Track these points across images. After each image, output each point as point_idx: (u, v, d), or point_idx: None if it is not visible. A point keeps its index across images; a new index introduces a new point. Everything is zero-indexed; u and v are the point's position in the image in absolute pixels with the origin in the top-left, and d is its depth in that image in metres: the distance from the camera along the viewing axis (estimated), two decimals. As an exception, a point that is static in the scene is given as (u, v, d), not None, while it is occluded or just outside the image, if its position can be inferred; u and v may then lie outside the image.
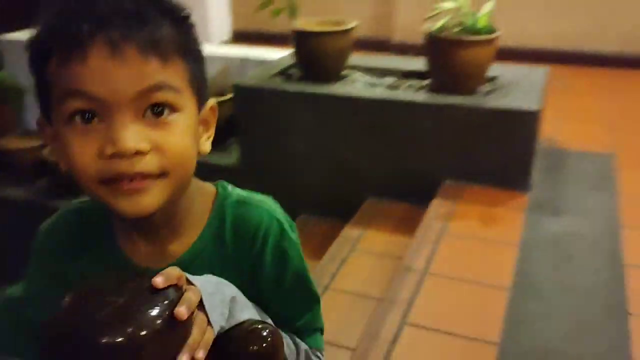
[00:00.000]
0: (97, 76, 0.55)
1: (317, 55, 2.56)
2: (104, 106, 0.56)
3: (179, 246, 0.68)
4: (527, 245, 1.93)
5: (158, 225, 0.66)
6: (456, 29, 2.30)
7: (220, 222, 0.69)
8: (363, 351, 1.48)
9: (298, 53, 2.63)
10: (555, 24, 4.02)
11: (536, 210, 2.12)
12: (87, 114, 0.57)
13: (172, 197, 0.62)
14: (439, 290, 1.73)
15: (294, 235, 0.70)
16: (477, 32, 2.27)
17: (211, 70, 2.74)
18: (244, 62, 3.04)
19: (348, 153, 2.47)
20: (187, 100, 0.61)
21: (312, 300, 0.74)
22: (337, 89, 2.53)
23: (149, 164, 0.58)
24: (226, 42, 4.73)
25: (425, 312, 1.62)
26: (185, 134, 0.60)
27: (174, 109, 0.59)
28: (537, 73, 2.56)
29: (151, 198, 0.59)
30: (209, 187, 0.72)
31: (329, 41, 2.54)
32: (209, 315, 0.55)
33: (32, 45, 0.60)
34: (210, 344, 0.55)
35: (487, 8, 2.30)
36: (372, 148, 2.41)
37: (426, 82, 2.52)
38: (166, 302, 0.50)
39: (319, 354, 0.73)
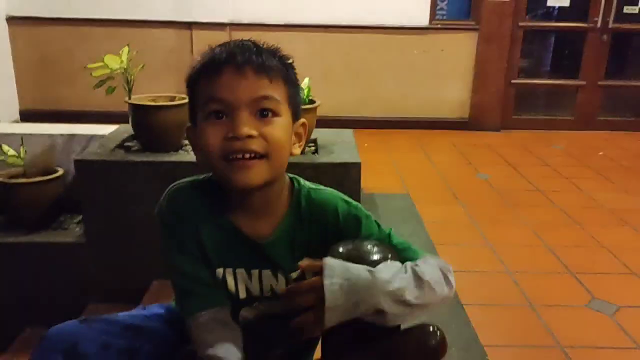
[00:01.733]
0: (227, 86, 0.82)
1: (158, 128, 2.71)
2: (230, 107, 0.82)
3: (269, 222, 0.91)
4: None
5: (256, 205, 0.90)
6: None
7: (298, 207, 0.92)
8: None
9: (137, 127, 2.74)
10: (335, 97, 4.80)
11: (372, 242, 2.59)
12: (219, 113, 0.83)
13: (270, 178, 0.86)
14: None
15: (354, 202, 0.95)
16: (303, 102, 2.73)
17: (33, 149, 2.71)
18: (70, 138, 3.00)
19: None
20: (285, 110, 0.86)
21: (386, 230, 0.97)
22: (180, 156, 2.71)
23: (256, 144, 0.83)
24: (15, 122, 4.48)
25: None
26: (283, 131, 0.86)
27: (275, 113, 0.85)
28: (346, 134, 3.12)
29: (256, 174, 0.84)
30: (286, 180, 0.95)
31: (169, 114, 2.72)
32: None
33: (190, 75, 0.88)
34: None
35: (306, 83, 2.78)
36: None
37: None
38: None
39: (426, 257, 0.94)
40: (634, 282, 2.40)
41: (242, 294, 0.93)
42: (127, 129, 2.95)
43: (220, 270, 0.92)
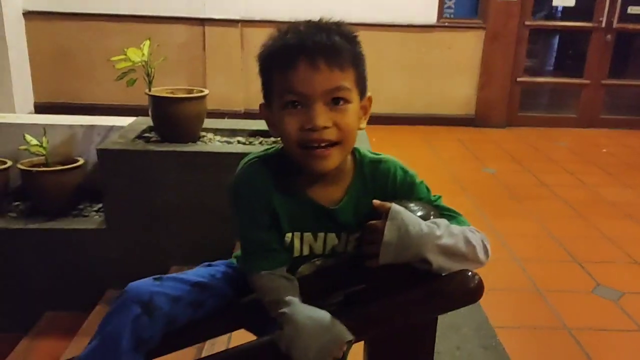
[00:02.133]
0: (302, 80, 0.88)
1: (177, 118, 2.81)
2: (305, 98, 0.89)
3: (337, 191, 0.99)
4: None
5: (328, 177, 0.97)
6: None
7: (362, 176, 1.00)
8: None
9: (157, 118, 2.83)
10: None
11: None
12: (295, 103, 0.90)
13: (342, 160, 0.95)
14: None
15: (409, 170, 1.03)
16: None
17: (54, 139, 2.80)
18: (90, 129, 3.09)
19: (210, 199, 2.72)
20: (354, 95, 0.93)
21: (434, 196, 1.03)
22: (199, 147, 2.81)
23: (330, 134, 0.90)
24: (29, 113, 4.59)
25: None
26: (353, 116, 0.92)
27: (347, 101, 0.91)
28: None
29: (331, 161, 0.92)
30: None
31: (188, 106, 2.82)
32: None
33: (263, 59, 0.94)
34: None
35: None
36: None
37: (272, 138, 2.96)
38: None
39: (471, 227, 0.98)
40: (637, 270, 2.50)
41: (305, 252, 1.03)
42: (145, 121, 3.05)
43: (289, 235, 1.01)
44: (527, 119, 5.27)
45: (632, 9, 5.08)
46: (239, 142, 2.98)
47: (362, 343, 1.00)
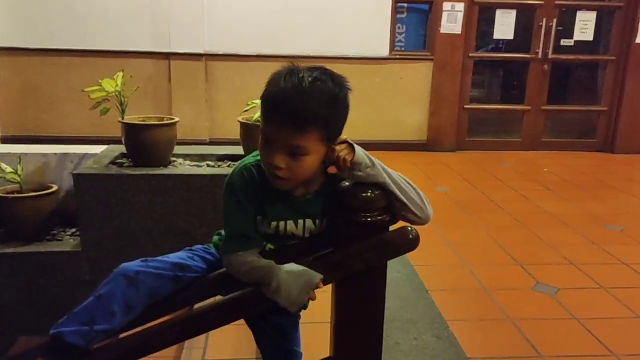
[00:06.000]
0: (271, 131, 1.10)
1: (149, 144, 2.98)
2: (272, 143, 1.10)
3: (312, 187, 1.21)
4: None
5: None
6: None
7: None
8: None
9: (130, 144, 3.00)
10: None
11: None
12: (267, 140, 1.11)
13: (298, 185, 1.18)
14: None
15: None
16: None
17: (28, 167, 2.97)
18: (63, 156, 3.23)
19: (181, 221, 2.89)
20: (315, 149, 1.11)
21: None
22: (170, 170, 2.98)
23: (281, 172, 1.11)
24: (-3, 146, 4.65)
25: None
26: (308, 165, 1.12)
27: (305, 154, 1.10)
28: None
29: (285, 186, 1.15)
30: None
31: (159, 132, 3.00)
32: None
33: (262, 96, 1.14)
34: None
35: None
36: (203, 214, 2.89)
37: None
38: None
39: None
40: (571, 269, 2.79)
41: (289, 234, 1.24)
42: (117, 148, 3.21)
43: (274, 223, 1.22)
44: (475, 143, 5.64)
45: (564, 42, 5.58)
46: (208, 165, 3.17)
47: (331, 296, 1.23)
